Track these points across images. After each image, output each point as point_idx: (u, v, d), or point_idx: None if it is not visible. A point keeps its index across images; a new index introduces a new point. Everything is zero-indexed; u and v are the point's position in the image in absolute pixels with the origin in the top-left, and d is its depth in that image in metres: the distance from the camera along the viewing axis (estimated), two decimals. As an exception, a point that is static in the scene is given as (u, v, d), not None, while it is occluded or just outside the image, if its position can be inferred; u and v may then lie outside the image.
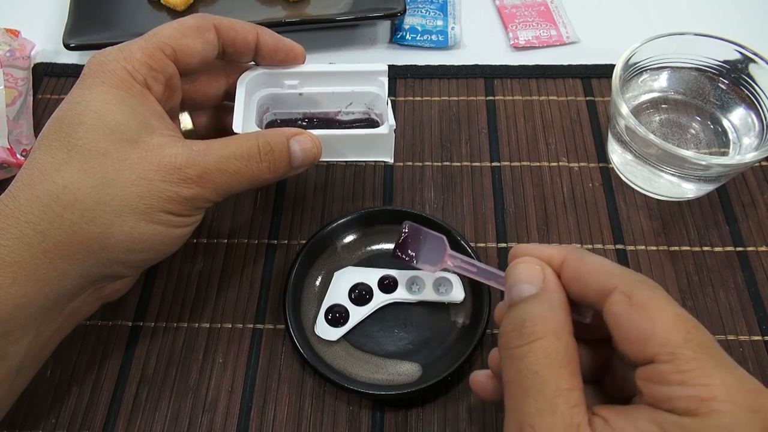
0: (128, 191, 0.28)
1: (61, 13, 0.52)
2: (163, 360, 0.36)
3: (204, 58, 0.33)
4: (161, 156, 0.29)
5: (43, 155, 0.28)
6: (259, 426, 0.34)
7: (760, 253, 0.40)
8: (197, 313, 0.38)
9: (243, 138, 0.31)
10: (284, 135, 0.32)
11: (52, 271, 0.27)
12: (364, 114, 0.38)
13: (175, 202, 0.29)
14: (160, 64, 0.31)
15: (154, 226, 0.29)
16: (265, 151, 0.31)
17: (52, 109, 0.47)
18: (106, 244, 0.28)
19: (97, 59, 0.31)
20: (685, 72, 0.42)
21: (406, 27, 0.52)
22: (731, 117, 0.41)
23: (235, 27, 0.34)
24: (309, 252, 0.38)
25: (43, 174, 0.28)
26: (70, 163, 0.28)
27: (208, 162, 0.29)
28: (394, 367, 0.35)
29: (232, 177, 0.30)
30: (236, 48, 0.34)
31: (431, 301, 0.37)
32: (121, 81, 0.30)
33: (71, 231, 0.27)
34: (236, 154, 0.30)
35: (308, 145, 0.33)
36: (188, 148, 0.29)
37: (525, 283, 0.24)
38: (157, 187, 0.28)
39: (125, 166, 0.28)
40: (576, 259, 0.24)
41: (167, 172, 0.28)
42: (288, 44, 0.36)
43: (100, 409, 0.35)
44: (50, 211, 0.27)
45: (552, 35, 0.51)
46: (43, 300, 0.27)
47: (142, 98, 0.30)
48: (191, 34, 0.32)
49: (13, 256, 0.26)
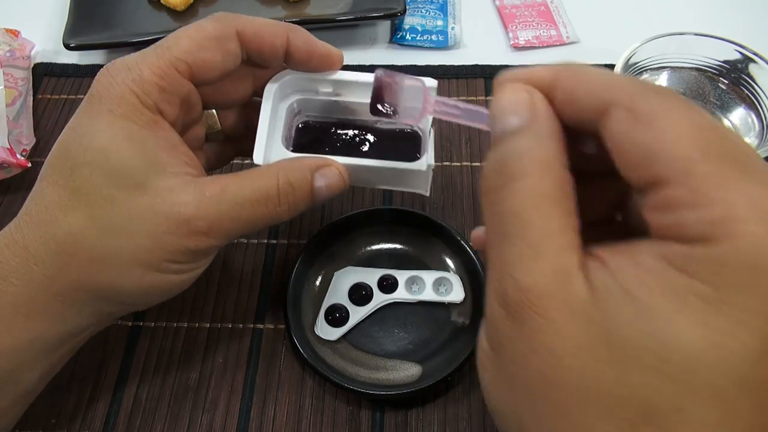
0: (136, 244, 0.26)
1: (61, 13, 0.52)
2: (163, 360, 0.36)
3: (224, 71, 0.30)
4: (170, 205, 0.26)
5: (50, 191, 0.27)
6: (259, 426, 0.34)
7: (760, 253, 0.39)
8: (197, 313, 0.38)
9: (261, 177, 0.28)
10: (308, 169, 0.29)
11: (65, 311, 0.27)
12: (407, 125, 0.34)
13: (182, 254, 0.27)
14: (173, 84, 0.28)
15: (163, 275, 0.28)
16: (286, 193, 0.28)
17: (53, 109, 0.48)
18: (117, 291, 0.27)
19: (105, 79, 0.28)
20: (685, 72, 0.42)
21: (406, 27, 0.52)
22: (731, 117, 0.41)
23: (261, 32, 0.30)
24: (309, 252, 0.38)
25: (50, 215, 0.27)
26: (77, 207, 0.26)
27: (220, 211, 0.27)
28: (394, 367, 0.35)
29: (246, 224, 0.28)
30: (262, 55, 0.30)
31: (431, 301, 0.37)
32: (129, 109, 0.27)
33: (79, 279, 0.27)
34: (252, 199, 0.28)
35: (334, 180, 0.30)
36: (200, 193, 0.27)
37: (509, 114, 0.20)
38: (164, 240, 0.27)
39: (132, 216, 0.26)
40: (570, 76, 0.20)
41: (175, 225, 0.26)
42: (323, 49, 0.31)
43: (100, 409, 0.35)
44: (58, 259, 0.26)
45: (552, 35, 0.51)
46: (56, 335, 0.28)
47: (152, 128, 0.27)
48: (210, 46, 0.28)
49: (25, 295, 0.26)
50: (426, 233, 0.39)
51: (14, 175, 0.42)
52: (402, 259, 0.39)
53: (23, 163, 0.42)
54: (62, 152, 0.27)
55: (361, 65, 0.50)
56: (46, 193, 0.27)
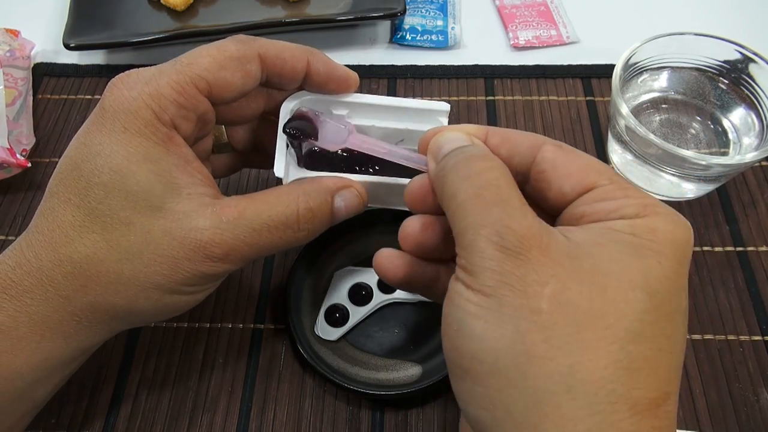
0: (153, 270, 0.26)
1: (61, 13, 0.52)
2: (163, 360, 0.36)
3: (243, 92, 0.29)
4: (187, 231, 0.26)
5: (63, 210, 0.26)
6: (259, 426, 0.34)
7: (760, 253, 0.40)
8: (197, 313, 0.38)
9: (281, 202, 0.28)
10: (328, 192, 0.29)
11: (80, 330, 0.27)
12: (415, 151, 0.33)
13: (198, 278, 0.27)
14: (191, 101, 0.27)
15: (177, 297, 0.28)
16: (306, 219, 0.28)
17: (52, 109, 0.48)
18: (132, 312, 0.28)
19: (119, 92, 0.27)
20: (685, 72, 0.42)
21: (406, 27, 0.52)
22: (731, 117, 0.41)
23: (283, 55, 0.29)
24: (309, 252, 0.38)
25: (65, 236, 0.26)
26: (92, 228, 0.26)
27: (236, 237, 0.27)
28: (394, 367, 0.35)
29: (262, 249, 0.28)
30: (282, 79, 0.30)
31: (431, 301, 0.37)
32: (145, 125, 0.26)
33: (95, 301, 0.27)
34: (270, 225, 0.27)
35: (354, 202, 0.30)
36: (216, 218, 0.27)
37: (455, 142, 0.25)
38: (181, 266, 0.27)
39: (149, 241, 0.26)
40: (499, 129, 0.26)
41: (192, 251, 0.26)
42: (342, 73, 0.31)
43: (100, 409, 0.35)
44: (74, 280, 0.26)
45: (552, 35, 0.51)
46: (70, 352, 0.28)
47: (168, 145, 0.27)
48: (231, 66, 0.28)
49: (40, 315, 0.26)
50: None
51: (14, 175, 0.42)
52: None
53: (23, 163, 0.42)
54: (74, 170, 0.27)
55: (361, 65, 0.50)
56: (59, 212, 0.27)
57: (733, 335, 0.36)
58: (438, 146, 0.25)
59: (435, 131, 0.26)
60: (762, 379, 0.35)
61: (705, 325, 0.37)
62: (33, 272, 0.26)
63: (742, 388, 0.35)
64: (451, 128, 0.26)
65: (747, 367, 0.35)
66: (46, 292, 0.26)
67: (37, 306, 0.26)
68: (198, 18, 0.51)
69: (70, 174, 0.27)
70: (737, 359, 0.36)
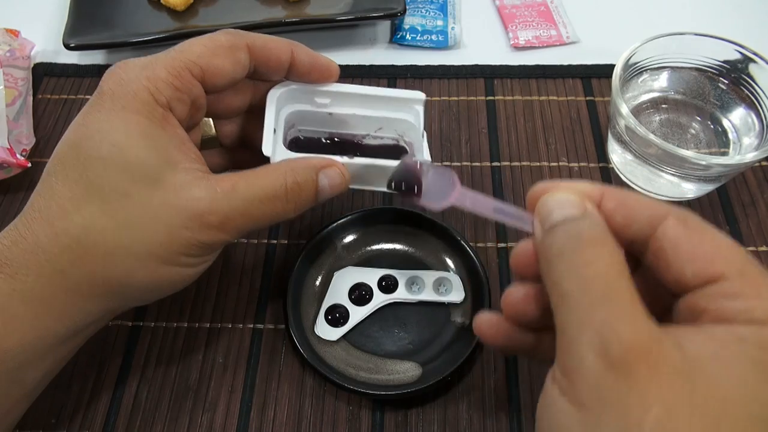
0: (150, 238, 0.27)
1: (61, 13, 0.52)
2: (163, 360, 0.36)
3: (233, 79, 0.31)
4: (184, 200, 0.27)
5: (61, 186, 0.27)
6: (259, 426, 0.34)
7: (760, 253, 0.40)
8: (197, 313, 0.38)
9: (270, 176, 0.29)
10: (314, 169, 0.30)
11: (73, 307, 0.27)
12: (392, 140, 0.36)
13: (195, 247, 0.28)
14: (186, 84, 0.29)
15: (174, 268, 0.28)
16: (293, 191, 0.30)
17: (52, 109, 0.48)
18: (127, 285, 0.28)
19: (117, 76, 0.28)
20: (685, 72, 0.42)
21: (406, 27, 0.52)
22: (731, 117, 0.41)
23: (269, 46, 0.31)
24: (309, 252, 0.38)
25: (62, 210, 0.27)
26: (90, 201, 0.27)
27: (231, 207, 0.28)
28: (394, 367, 0.35)
29: (255, 220, 0.29)
30: (269, 68, 0.32)
31: (431, 301, 0.37)
32: (142, 105, 0.28)
33: (92, 273, 0.27)
34: (262, 197, 0.29)
35: (337, 180, 0.31)
36: (212, 189, 0.28)
37: (566, 208, 0.23)
38: (178, 234, 0.27)
39: (147, 211, 0.27)
40: (617, 191, 0.23)
41: (188, 219, 0.27)
42: (324, 62, 0.33)
43: (100, 409, 0.35)
44: (70, 252, 0.26)
45: (552, 35, 0.51)
46: (63, 331, 0.27)
47: (164, 124, 0.28)
48: (222, 54, 0.30)
49: (34, 291, 0.26)
50: (426, 233, 0.39)
51: (14, 175, 0.42)
52: (402, 259, 0.39)
53: (23, 163, 0.42)
54: (73, 148, 0.28)
55: (361, 65, 0.50)
56: (56, 189, 0.27)
57: (733, 335, 0.36)
58: (547, 210, 0.23)
59: (545, 187, 0.24)
60: (762, 379, 0.35)
61: (705, 325, 0.37)
62: (29, 248, 0.26)
63: (742, 388, 0.35)
64: (562, 187, 0.24)
65: (747, 367, 0.35)
66: (42, 268, 0.26)
67: (33, 282, 0.26)
68: (198, 18, 0.51)
69: (68, 153, 0.27)
70: (737, 359, 0.36)
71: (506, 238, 0.40)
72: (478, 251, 0.39)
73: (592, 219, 0.22)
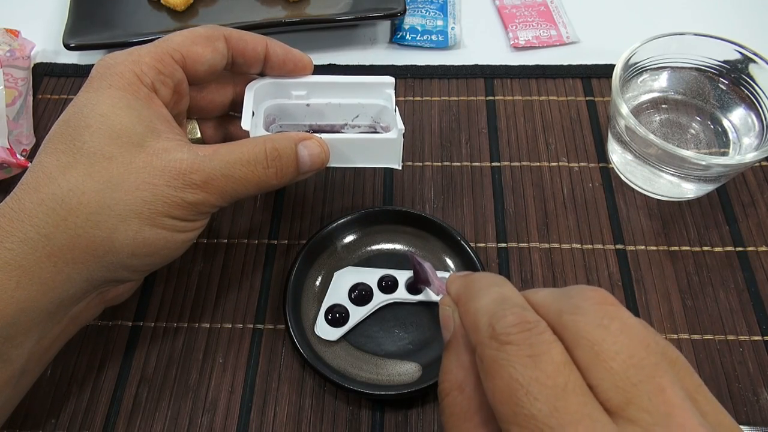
0: (133, 196, 0.28)
1: (61, 13, 0.52)
2: (163, 360, 0.36)
3: (213, 66, 0.33)
4: (167, 161, 0.28)
5: (49, 158, 0.28)
6: (259, 426, 0.34)
7: (760, 253, 0.40)
8: (197, 313, 0.38)
9: (250, 143, 0.31)
10: (292, 140, 0.32)
11: (57, 275, 0.27)
12: (370, 128, 0.38)
13: (180, 207, 0.29)
14: (168, 68, 0.31)
15: (159, 231, 0.29)
16: (273, 157, 0.31)
17: (53, 109, 0.48)
18: (111, 249, 0.28)
19: (105, 62, 0.30)
20: (685, 72, 0.42)
21: (406, 27, 0.52)
22: (731, 117, 0.42)
23: (244, 38, 0.34)
24: (309, 252, 0.38)
25: (48, 177, 0.27)
26: (76, 166, 0.27)
27: (213, 167, 0.29)
28: (394, 367, 0.35)
29: (237, 183, 0.30)
30: (246, 58, 0.34)
31: (431, 301, 0.37)
32: (128, 84, 0.30)
33: (76, 235, 0.27)
34: (242, 160, 0.30)
35: (316, 150, 0.33)
36: (194, 152, 0.29)
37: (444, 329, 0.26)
38: (162, 192, 0.28)
39: (130, 171, 0.28)
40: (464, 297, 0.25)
41: (172, 177, 0.28)
42: (297, 55, 0.36)
43: (100, 409, 0.35)
44: (55, 215, 0.27)
45: (552, 35, 0.51)
46: (47, 304, 0.27)
47: (149, 102, 0.30)
48: (201, 42, 0.32)
49: (17, 259, 0.26)
50: (426, 233, 0.39)
51: (14, 175, 0.42)
52: (402, 259, 0.39)
53: (23, 163, 0.42)
54: (63, 125, 0.29)
55: (361, 65, 0.50)
56: (44, 161, 0.28)
57: (733, 335, 0.36)
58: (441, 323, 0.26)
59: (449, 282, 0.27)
60: (762, 379, 0.35)
61: (705, 326, 0.37)
62: (14, 216, 0.27)
63: (742, 388, 0.35)
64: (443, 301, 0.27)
65: (747, 367, 0.35)
66: (26, 233, 0.26)
67: (16, 249, 0.26)
68: (198, 18, 0.51)
69: (59, 129, 0.29)
70: (737, 359, 0.36)
71: (506, 238, 0.40)
72: (478, 251, 0.39)
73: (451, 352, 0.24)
